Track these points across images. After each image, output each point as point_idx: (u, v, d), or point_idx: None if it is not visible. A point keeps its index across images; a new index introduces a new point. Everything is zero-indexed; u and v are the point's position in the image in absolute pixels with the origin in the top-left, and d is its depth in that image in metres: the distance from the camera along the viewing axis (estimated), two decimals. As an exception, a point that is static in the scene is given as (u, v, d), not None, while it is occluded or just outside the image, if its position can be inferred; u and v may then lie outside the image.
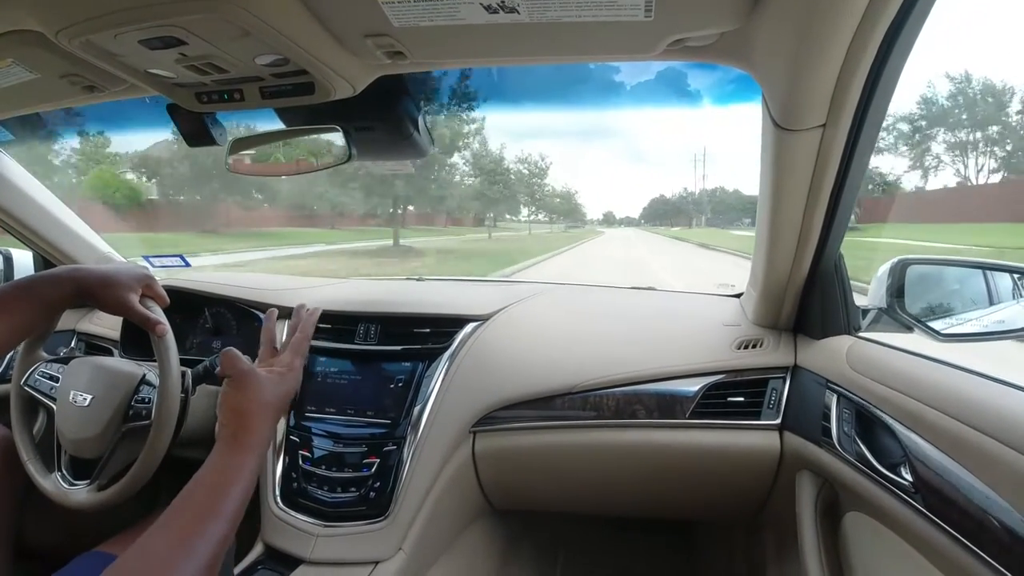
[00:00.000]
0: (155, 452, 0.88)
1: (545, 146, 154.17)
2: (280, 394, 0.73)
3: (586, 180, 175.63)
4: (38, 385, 1.00)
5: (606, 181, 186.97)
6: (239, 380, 0.70)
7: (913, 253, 0.96)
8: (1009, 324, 0.92)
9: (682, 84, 0.91)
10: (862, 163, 0.75)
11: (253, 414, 0.67)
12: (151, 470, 0.89)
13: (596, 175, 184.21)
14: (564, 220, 54.28)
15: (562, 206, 48.96)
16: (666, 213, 76.09)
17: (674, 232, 47.06)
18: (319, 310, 0.90)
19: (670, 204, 77.64)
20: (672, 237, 36.67)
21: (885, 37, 0.56)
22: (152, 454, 0.87)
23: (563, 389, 1.03)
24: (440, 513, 1.02)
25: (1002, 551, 0.53)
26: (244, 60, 0.64)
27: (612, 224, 79.14)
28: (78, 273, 0.84)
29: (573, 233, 42.22)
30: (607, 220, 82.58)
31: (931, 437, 0.65)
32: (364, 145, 0.88)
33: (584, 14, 0.56)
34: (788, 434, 0.95)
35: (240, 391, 0.69)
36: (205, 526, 0.56)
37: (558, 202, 45.27)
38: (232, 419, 0.66)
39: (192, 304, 1.33)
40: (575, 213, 54.29)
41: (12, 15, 0.63)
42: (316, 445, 1.03)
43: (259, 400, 0.69)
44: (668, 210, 76.26)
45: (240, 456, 0.63)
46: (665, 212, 77.12)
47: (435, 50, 0.66)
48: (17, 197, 1.28)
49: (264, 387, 0.71)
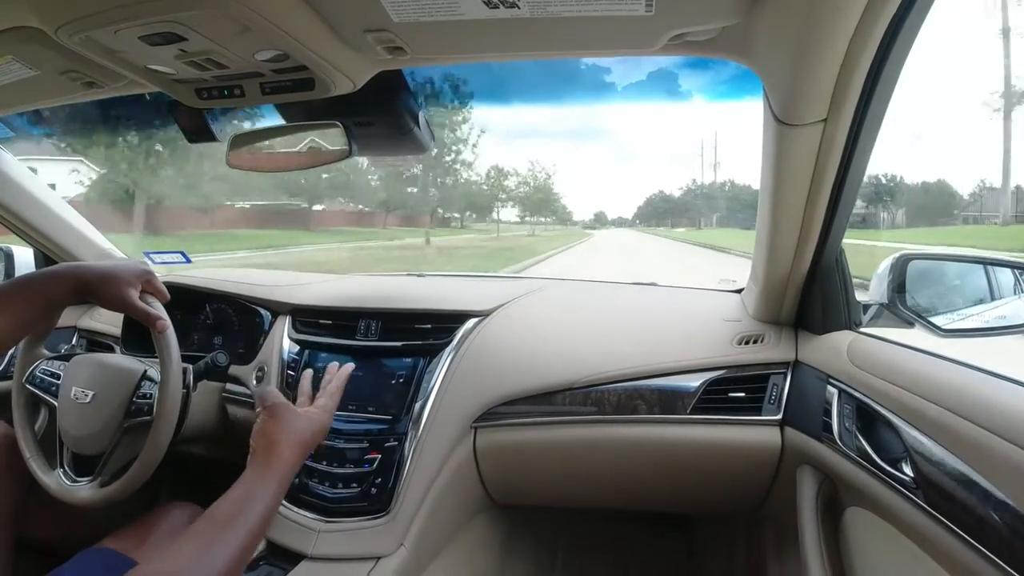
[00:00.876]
0: (157, 447, 0.88)
1: (537, 146, 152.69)
2: (312, 430, 0.77)
3: (571, 178, 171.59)
4: (39, 383, 1.01)
5: (597, 178, 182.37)
6: (275, 411, 0.75)
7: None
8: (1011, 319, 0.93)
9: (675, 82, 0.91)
10: (863, 158, 0.74)
11: (284, 443, 0.72)
12: (153, 466, 0.89)
13: (585, 173, 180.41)
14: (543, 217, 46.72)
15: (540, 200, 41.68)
16: (668, 211, 66.97)
17: (679, 233, 39.52)
18: (351, 366, 0.94)
19: (673, 201, 68.04)
20: (682, 240, 30.36)
21: (887, 31, 0.56)
22: (154, 449, 0.88)
23: (564, 385, 1.04)
24: (441, 508, 1.03)
25: (1003, 546, 0.53)
26: (244, 56, 0.64)
27: (605, 224, 69.81)
28: (78, 270, 0.85)
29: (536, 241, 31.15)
30: (599, 220, 72.95)
31: (932, 432, 0.65)
32: (364, 141, 0.88)
33: (585, 9, 0.56)
34: (789, 429, 0.95)
35: (276, 421, 0.74)
36: (226, 536, 0.59)
37: (539, 198, 38.56)
38: (264, 445, 0.71)
39: (193, 301, 1.33)
40: (552, 208, 44.94)
41: (12, 12, 0.63)
42: None
43: (292, 431, 0.74)
44: (671, 208, 67.39)
45: (267, 478, 0.68)
46: (667, 210, 67.48)
47: (435, 45, 0.66)
48: (17, 194, 1.28)
49: (298, 421, 0.76)
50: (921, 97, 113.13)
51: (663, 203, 69.67)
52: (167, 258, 1.62)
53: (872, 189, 28.75)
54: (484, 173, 33.33)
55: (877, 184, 29.76)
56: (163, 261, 1.60)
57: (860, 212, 25.92)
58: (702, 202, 61.40)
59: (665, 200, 69.01)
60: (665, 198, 67.99)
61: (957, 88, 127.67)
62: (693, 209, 61.53)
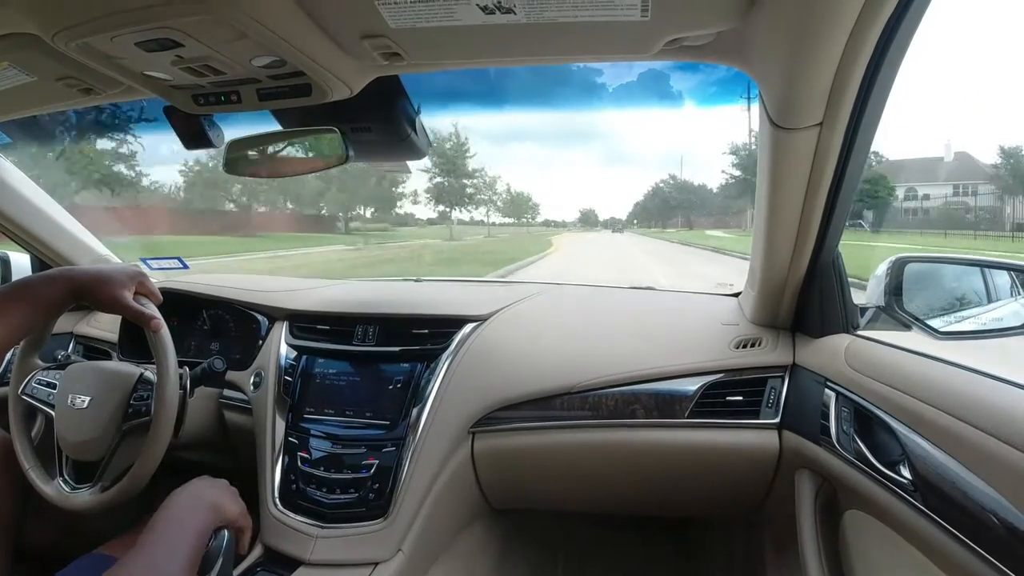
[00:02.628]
0: (156, 448, 0.88)
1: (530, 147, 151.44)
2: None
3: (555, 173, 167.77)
4: (36, 393, 1.00)
5: (582, 176, 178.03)
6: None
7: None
8: (1007, 322, 0.93)
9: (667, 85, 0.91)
10: (859, 161, 0.75)
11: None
12: (153, 466, 0.89)
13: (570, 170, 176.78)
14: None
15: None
16: (676, 208, 52.44)
17: (713, 237, 26.64)
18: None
19: (686, 194, 52.33)
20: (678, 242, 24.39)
21: (882, 35, 0.56)
22: (153, 450, 0.88)
23: (562, 389, 1.03)
24: (439, 513, 1.02)
25: (1001, 548, 0.53)
26: (241, 62, 0.64)
27: (594, 227, 60.62)
28: (72, 272, 0.85)
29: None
30: (586, 220, 64.70)
31: (930, 435, 0.65)
32: (361, 146, 0.88)
33: (581, 14, 0.56)
34: (787, 433, 0.95)
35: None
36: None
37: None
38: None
39: (190, 307, 1.32)
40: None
41: (8, 18, 0.63)
42: (315, 447, 1.03)
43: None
44: (684, 201, 51.43)
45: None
46: (674, 207, 52.66)
47: (432, 51, 0.66)
48: (14, 200, 1.28)
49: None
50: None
51: (667, 199, 56.97)
52: (164, 264, 1.62)
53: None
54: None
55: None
56: (160, 267, 1.60)
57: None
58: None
59: (667, 197, 56.27)
60: (664, 198, 60.26)
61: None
62: (704, 204, 51.56)
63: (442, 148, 30.21)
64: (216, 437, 1.21)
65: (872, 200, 18.31)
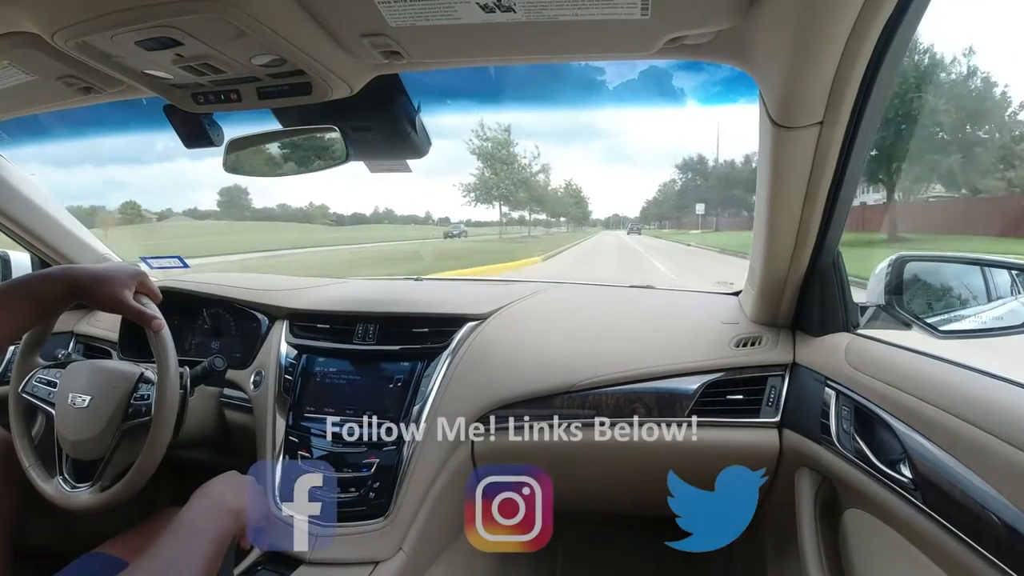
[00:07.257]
0: (157, 447, 0.88)
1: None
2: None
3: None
4: (36, 391, 1.00)
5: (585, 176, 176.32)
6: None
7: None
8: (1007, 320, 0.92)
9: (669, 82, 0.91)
10: (860, 160, 0.75)
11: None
12: (154, 466, 0.89)
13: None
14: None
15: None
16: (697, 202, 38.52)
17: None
18: None
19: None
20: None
21: (882, 34, 0.56)
22: (154, 449, 0.88)
23: (562, 388, 1.03)
24: (440, 512, 1.02)
25: (1000, 546, 0.53)
26: (241, 60, 0.64)
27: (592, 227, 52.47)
28: (72, 271, 0.85)
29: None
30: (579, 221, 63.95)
31: (930, 433, 0.65)
32: (361, 145, 0.88)
33: (581, 12, 0.56)
34: (787, 431, 0.95)
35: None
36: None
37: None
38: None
39: (190, 305, 1.32)
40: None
41: (8, 17, 0.63)
42: (315, 445, 1.03)
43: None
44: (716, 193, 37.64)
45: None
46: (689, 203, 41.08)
47: (432, 50, 0.66)
48: (14, 199, 1.28)
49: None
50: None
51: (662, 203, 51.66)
52: (165, 263, 1.62)
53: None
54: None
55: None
56: (161, 266, 1.60)
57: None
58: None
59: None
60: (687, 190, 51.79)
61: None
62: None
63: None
64: (217, 436, 1.21)
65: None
